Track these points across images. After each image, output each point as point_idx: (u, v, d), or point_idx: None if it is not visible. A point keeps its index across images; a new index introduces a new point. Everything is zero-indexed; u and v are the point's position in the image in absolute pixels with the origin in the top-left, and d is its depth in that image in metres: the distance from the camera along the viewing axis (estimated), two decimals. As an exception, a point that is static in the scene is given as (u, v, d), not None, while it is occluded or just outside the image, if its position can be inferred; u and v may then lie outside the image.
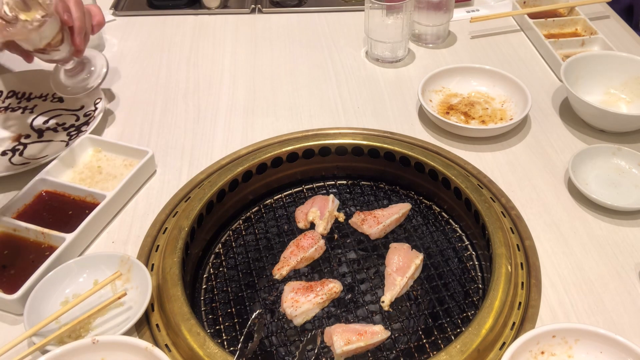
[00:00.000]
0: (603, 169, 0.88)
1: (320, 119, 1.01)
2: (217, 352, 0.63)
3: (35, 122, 1.00)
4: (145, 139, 0.97)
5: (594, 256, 0.78)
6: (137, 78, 1.12)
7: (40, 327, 0.65)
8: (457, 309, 0.74)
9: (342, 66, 1.15)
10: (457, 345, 0.63)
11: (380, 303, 0.73)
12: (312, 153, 0.90)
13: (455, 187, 0.83)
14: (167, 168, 0.91)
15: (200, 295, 0.77)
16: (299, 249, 0.78)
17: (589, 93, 1.01)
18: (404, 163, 0.88)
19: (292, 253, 0.78)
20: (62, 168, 0.88)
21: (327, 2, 1.35)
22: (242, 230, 0.86)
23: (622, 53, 1.04)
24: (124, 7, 1.35)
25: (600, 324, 0.69)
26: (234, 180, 0.85)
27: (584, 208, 0.84)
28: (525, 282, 0.74)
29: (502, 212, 0.82)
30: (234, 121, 1.01)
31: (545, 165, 0.91)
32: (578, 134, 0.97)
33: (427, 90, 1.01)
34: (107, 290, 0.72)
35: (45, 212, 0.82)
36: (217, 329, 0.72)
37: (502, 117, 0.99)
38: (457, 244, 0.83)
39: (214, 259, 0.82)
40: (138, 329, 0.69)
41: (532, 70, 1.13)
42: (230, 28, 1.28)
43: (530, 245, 0.78)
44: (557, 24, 1.22)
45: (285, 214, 0.88)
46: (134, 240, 0.80)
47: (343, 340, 0.66)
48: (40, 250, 0.76)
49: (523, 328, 0.69)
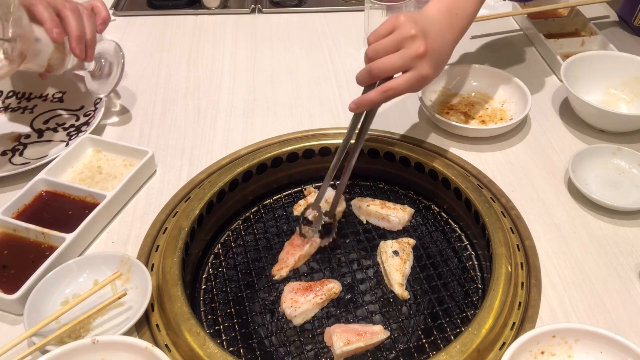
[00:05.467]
0: (603, 169, 0.88)
1: (320, 119, 1.01)
2: (217, 352, 0.63)
3: (35, 122, 1.00)
4: (145, 139, 0.98)
5: (594, 256, 0.78)
6: (137, 78, 1.12)
7: (40, 327, 0.65)
8: (456, 309, 0.74)
9: (342, 66, 1.15)
10: (457, 345, 0.63)
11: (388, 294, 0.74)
12: (312, 153, 0.90)
13: (455, 187, 0.83)
14: (167, 168, 0.91)
15: (200, 296, 0.77)
16: (294, 247, 0.79)
17: (589, 93, 1.01)
18: (403, 163, 0.88)
19: (288, 253, 0.78)
20: (62, 168, 0.88)
21: (327, 2, 1.35)
22: (242, 230, 0.86)
23: (622, 53, 1.04)
24: (124, 7, 1.35)
25: (600, 324, 0.69)
26: (234, 180, 0.85)
27: (584, 208, 0.84)
28: (525, 282, 0.74)
29: (502, 212, 0.82)
30: (234, 121, 1.01)
31: (545, 165, 0.91)
32: (578, 134, 0.97)
33: (427, 90, 1.01)
34: (107, 290, 0.72)
35: (45, 212, 0.82)
36: (216, 329, 0.73)
37: (502, 117, 0.99)
38: (457, 244, 0.83)
39: (213, 259, 0.82)
40: (138, 329, 0.69)
41: (532, 70, 1.13)
42: (230, 28, 1.28)
43: (530, 245, 0.78)
44: (557, 24, 1.21)
45: (285, 214, 0.88)
46: (134, 240, 0.80)
47: (342, 341, 0.66)
48: (40, 250, 0.76)
49: (523, 328, 0.69)
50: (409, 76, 0.75)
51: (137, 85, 1.10)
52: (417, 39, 0.74)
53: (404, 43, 0.74)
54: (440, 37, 0.77)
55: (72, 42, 0.86)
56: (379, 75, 0.75)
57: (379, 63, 0.74)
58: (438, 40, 0.76)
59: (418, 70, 0.74)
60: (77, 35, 0.86)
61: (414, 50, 0.74)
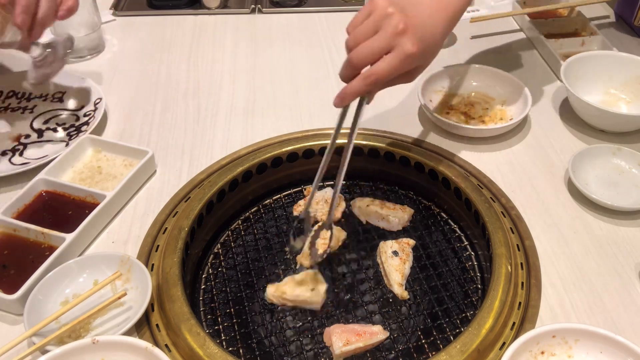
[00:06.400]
0: (603, 169, 0.88)
1: (320, 119, 1.01)
2: (217, 352, 0.63)
3: (35, 122, 1.00)
4: (145, 139, 0.98)
5: (594, 256, 0.78)
6: (137, 78, 1.12)
7: (40, 327, 0.65)
8: (456, 309, 0.74)
9: (342, 66, 1.15)
10: (457, 345, 0.63)
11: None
12: (312, 153, 0.90)
13: (455, 187, 0.83)
14: (167, 168, 0.92)
15: (200, 296, 0.77)
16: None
17: (589, 93, 1.01)
18: (403, 163, 0.88)
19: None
20: (62, 168, 0.88)
21: (327, 2, 1.35)
22: (242, 230, 0.86)
23: (622, 53, 1.04)
24: (124, 7, 1.35)
25: (600, 324, 0.69)
26: (234, 180, 0.85)
27: (584, 208, 0.84)
28: (525, 282, 0.74)
29: (502, 212, 0.82)
30: (234, 121, 1.01)
31: (545, 165, 0.91)
32: (578, 134, 0.97)
33: (427, 90, 1.01)
34: (107, 290, 0.72)
35: (45, 212, 0.82)
36: (216, 329, 0.72)
37: (502, 117, 0.99)
38: (457, 244, 0.83)
39: (213, 259, 0.82)
40: (138, 329, 0.69)
41: (532, 70, 1.13)
42: (230, 28, 1.28)
43: (530, 245, 0.78)
44: (557, 24, 1.21)
45: (285, 214, 0.88)
46: (134, 240, 0.80)
47: (342, 341, 0.66)
48: (40, 250, 0.76)
49: (523, 328, 0.69)
50: (390, 57, 0.68)
51: (137, 85, 1.10)
52: (394, 16, 0.68)
53: (381, 23, 0.68)
54: (426, 14, 0.70)
55: (17, 9, 0.81)
56: (359, 63, 0.69)
57: (357, 50, 0.68)
58: (423, 17, 0.70)
59: (400, 48, 0.67)
60: (24, 4, 0.81)
61: (392, 27, 0.67)
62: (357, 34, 0.70)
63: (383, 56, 0.68)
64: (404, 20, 0.68)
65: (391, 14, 0.68)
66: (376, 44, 0.68)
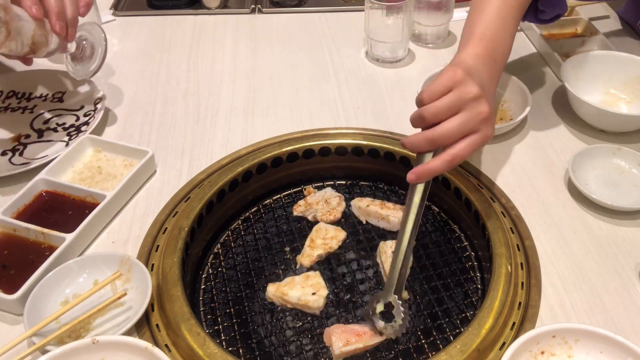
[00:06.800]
0: (603, 169, 0.88)
1: (320, 119, 1.01)
2: (217, 352, 0.63)
3: (35, 122, 1.00)
4: (145, 139, 0.98)
5: (594, 256, 0.78)
6: (137, 78, 1.12)
7: (40, 327, 0.65)
8: (456, 310, 0.74)
9: (342, 66, 1.15)
10: (457, 345, 0.63)
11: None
12: (312, 153, 0.90)
13: (455, 187, 0.83)
14: (167, 168, 0.92)
15: (200, 296, 0.77)
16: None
17: (589, 93, 1.01)
18: (403, 163, 0.88)
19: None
20: (62, 168, 0.88)
21: (327, 2, 1.35)
22: (242, 230, 0.86)
23: (622, 53, 1.03)
24: (124, 7, 1.35)
25: (600, 324, 0.69)
26: (234, 180, 0.85)
27: (584, 208, 0.84)
28: (525, 282, 0.74)
29: (502, 212, 0.82)
30: (234, 121, 1.01)
31: (545, 165, 0.91)
32: (578, 134, 0.97)
33: (427, 90, 1.01)
34: (107, 290, 0.72)
35: (45, 212, 0.82)
36: (215, 329, 0.72)
37: (502, 117, 0.99)
38: (457, 244, 0.83)
39: (213, 259, 0.82)
40: (138, 329, 0.69)
41: (532, 70, 1.13)
42: (230, 28, 1.28)
43: (530, 245, 0.78)
44: (557, 24, 1.21)
45: (285, 214, 0.88)
46: (134, 240, 0.80)
47: (342, 341, 0.66)
48: (40, 250, 0.76)
49: (523, 328, 0.69)
50: (474, 140, 0.70)
51: (137, 85, 1.10)
52: (481, 101, 0.69)
53: (467, 105, 0.69)
54: (492, 91, 0.73)
55: (52, 19, 0.85)
56: (442, 143, 0.70)
57: (442, 129, 0.69)
58: (492, 93, 0.72)
59: (483, 133, 0.70)
60: (57, 12, 0.85)
61: (478, 113, 0.69)
62: (439, 110, 0.70)
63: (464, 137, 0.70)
64: (488, 107, 0.70)
65: (477, 98, 0.69)
66: (463, 128, 0.69)
